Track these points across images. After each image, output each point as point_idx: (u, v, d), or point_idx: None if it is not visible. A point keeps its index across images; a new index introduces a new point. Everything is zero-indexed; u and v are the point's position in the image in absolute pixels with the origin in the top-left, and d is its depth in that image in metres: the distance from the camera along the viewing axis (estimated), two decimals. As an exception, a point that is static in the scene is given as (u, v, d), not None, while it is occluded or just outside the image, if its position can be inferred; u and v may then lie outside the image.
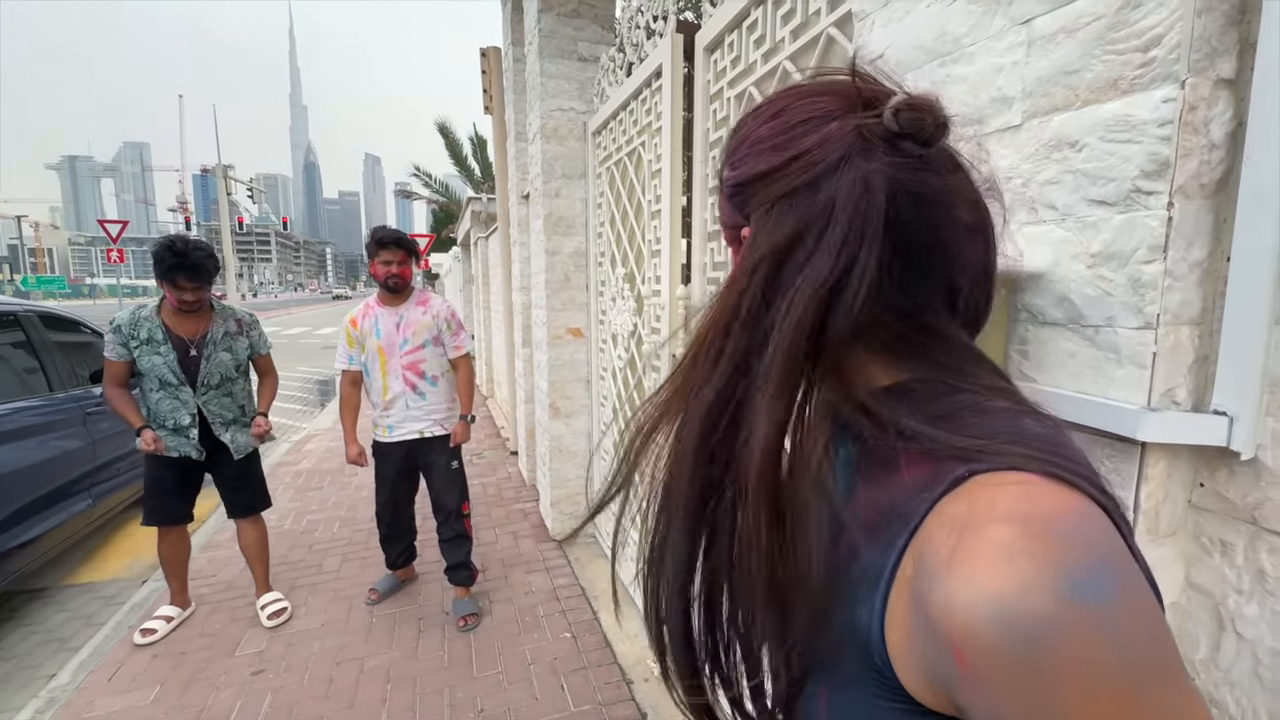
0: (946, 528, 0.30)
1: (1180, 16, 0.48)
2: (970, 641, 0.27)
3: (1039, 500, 0.29)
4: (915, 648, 0.31)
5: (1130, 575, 0.28)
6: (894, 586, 0.32)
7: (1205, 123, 0.49)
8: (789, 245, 0.37)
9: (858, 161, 0.36)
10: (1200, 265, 0.52)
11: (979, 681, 0.28)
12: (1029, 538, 0.28)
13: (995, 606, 0.27)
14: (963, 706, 0.30)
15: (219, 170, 19.57)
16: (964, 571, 0.28)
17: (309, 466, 4.76)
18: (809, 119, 0.38)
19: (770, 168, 0.39)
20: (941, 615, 0.28)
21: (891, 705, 0.33)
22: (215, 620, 2.60)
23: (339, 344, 2.59)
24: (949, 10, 0.69)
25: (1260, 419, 0.50)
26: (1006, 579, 0.27)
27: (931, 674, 0.31)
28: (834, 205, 0.35)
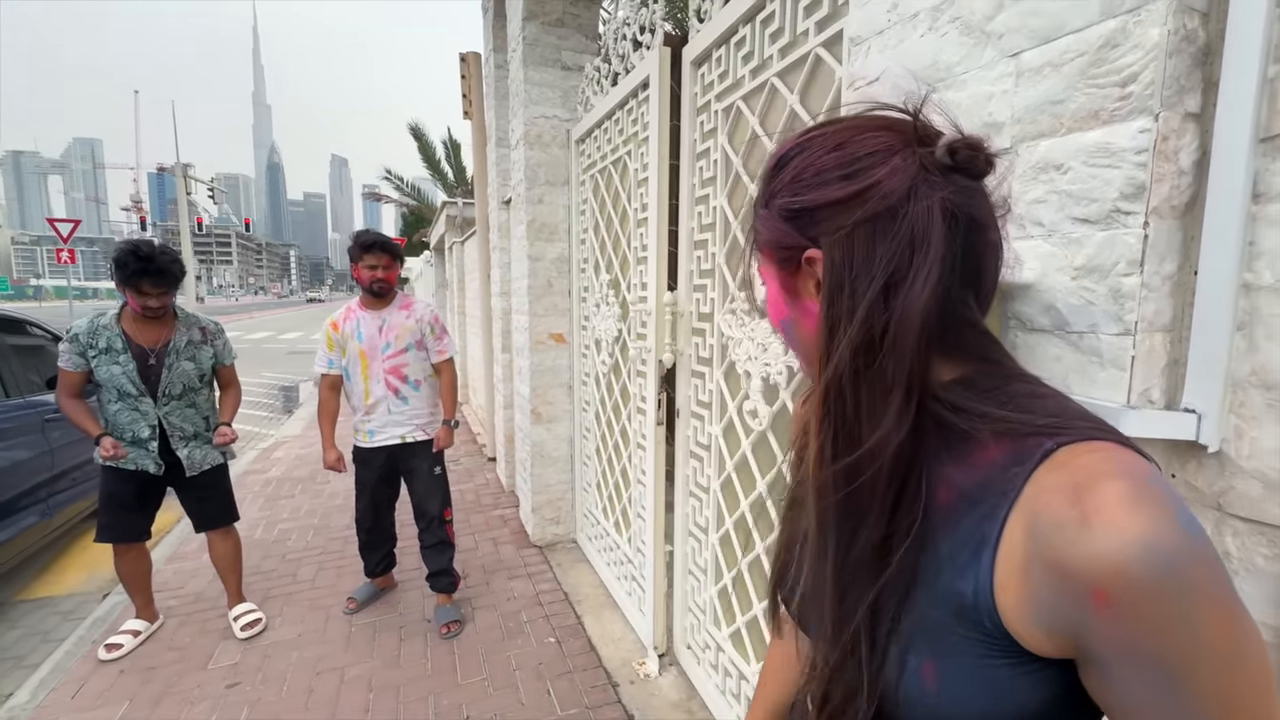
0: (1059, 491, 0.35)
1: (1154, 57, 0.54)
2: (1118, 580, 0.32)
3: (1126, 462, 0.35)
4: (1035, 600, 0.35)
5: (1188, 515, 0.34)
6: (999, 552, 0.37)
7: (1176, 151, 0.55)
8: (882, 269, 0.41)
9: (925, 191, 0.40)
10: (1171, 278, 0.58)
11: (1121, 614, 0.33)
12: (1145, 489, 0.33)
13: (1143, 544, 0.32)
14: (1089, 643, 0.34)
15: (178, 169, 18.93)
16: (1103, 522, 0.33)
17: (278, 474, 4.64)
18: (875, 151, 0.42)
19: (846, 195, 0.42)
20: (1083, 563, 0.33)
21: (1000, 662, 0.38)
22: (185, 633, 2.52)
23: (319, 348, 2.55)
24: (942, 40, 0.74)
25: (1224, 416, 0.56)
26: (1142, 524, 0.32)
27: (1052, 622, 0.35)
28: (915, 233, 0.40)
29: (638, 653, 2.35)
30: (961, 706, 0.39)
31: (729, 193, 1.76)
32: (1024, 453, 0.38)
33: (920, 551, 0.41)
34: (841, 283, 0.43)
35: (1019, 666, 0.38)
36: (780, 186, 0.47)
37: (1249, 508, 0.55)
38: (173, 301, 2.30)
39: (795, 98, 1.40)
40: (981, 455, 0.40)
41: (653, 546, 2.26)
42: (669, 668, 2.25)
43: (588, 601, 2.74)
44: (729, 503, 1.86)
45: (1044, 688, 0.38)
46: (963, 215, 0.41)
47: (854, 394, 0.42)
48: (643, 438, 2.35)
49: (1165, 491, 0.34)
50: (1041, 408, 0.40)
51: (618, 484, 2.71)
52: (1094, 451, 0.36)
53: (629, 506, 2.58)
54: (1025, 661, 0.38)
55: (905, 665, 0.41)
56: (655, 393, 2.15)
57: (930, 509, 0.41)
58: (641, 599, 2.42)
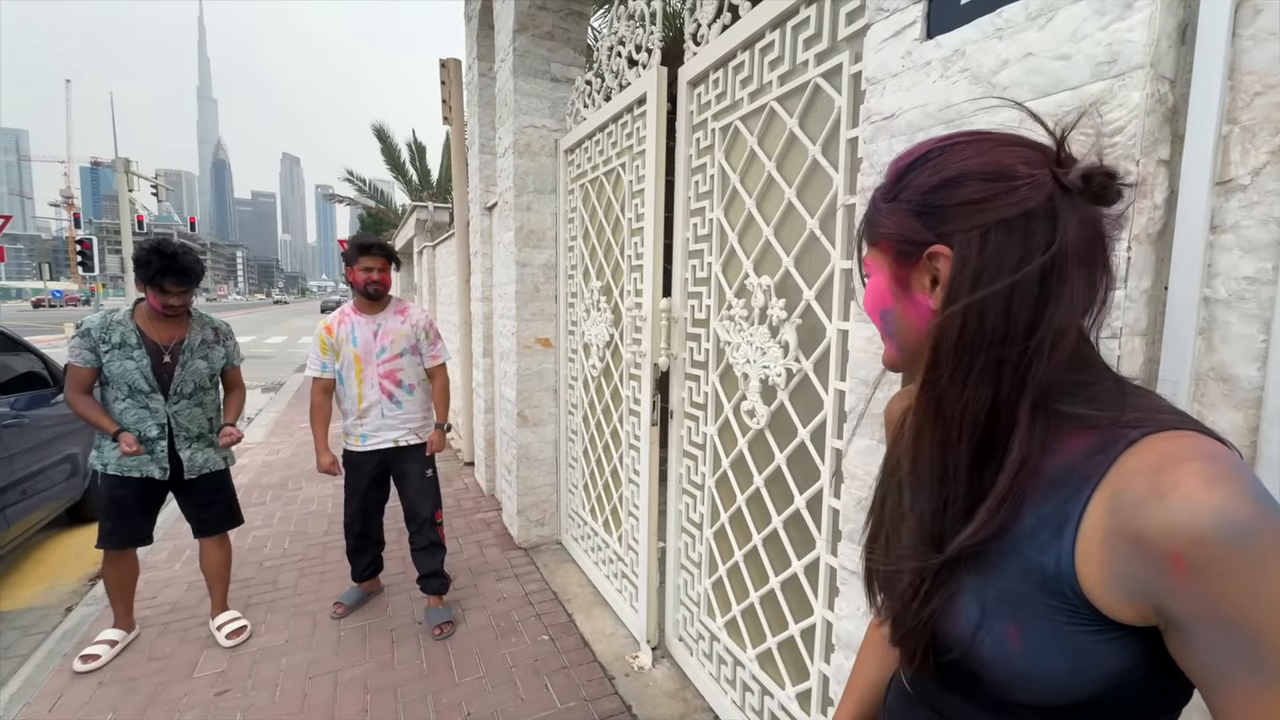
0: (1141, 472, 0.40)
1: (1135, 115, 0.67)
2: (1192, 546, 0.37)
3: (1208, 446, 0.40)
4: (1117, 571, 0.40)
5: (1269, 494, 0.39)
6: (1081, 529, 0.42)
7: (1151, 190, 0.69)
8: (1024, 275, 0.43)
9: (1065, 205, 0.43)
10: (1146, 292, 0.71)
11: (1198, 579, 0.37)
12: (1220, 470, 0.38)
13: (1218, 515, 0.36)
14: (1170, 609, 0.39)
15: (119, 164, 17.98)
16: (1180, 496, 0.37)
17: (246, 481, 4.51)
18: (1017, 162, 0.45)
19: (985, 196, 0.45)
20: (1160, 533, 0.38)
21: (1080, 628, 0.43)
22: (165, 643, 2.45)
23: (311, 351, 2.54)
24: (953, 86, 0.87)
25: (1190, 404, 0.69)
26: (1218, 497, 0.37)
27: (1134, 590, 0.40)
28: (1065, 244, 0.43)
29: (630, 647, 2.42)
30: (1045, 664, 0.44)
31: (725, 206, 1.87)
32: (1109, 442, 0.42)
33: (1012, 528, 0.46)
34: (973, 280, 0.45)
35: (1100, 633, 0.42)
36: (914, 181, 0.50)
37: (1209, 478, 0.68)
38: (192, 302, 2.29)
39: (795, 122, 1.52)
40: (1067, 444, 0.45)
41: (646, 544, 2.34)
42: (661, 660, 2.33)
43: (577, 600, 2.80)
44: (724, 498, 1.97)
45: (1124, 654, 0.42)
46: (1096, 232, 0.45)
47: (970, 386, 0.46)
48: (635, 439, 2.44)
49: (1243, 472, 0.38)
50: (1129, 404, 0.44)
51: (608, 484, 2.79)
52: (1176, 439, 0.41)
53: (620, 506, 2.65)
54: (1107, 629, 0.42)
55: (988, 629, 0.46)
56: (650, 395, 2.25)
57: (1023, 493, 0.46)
58: (634, 595, 2.50)
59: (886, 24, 0.98)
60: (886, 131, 0.98)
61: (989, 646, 0.46)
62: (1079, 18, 0.72)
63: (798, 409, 1.58)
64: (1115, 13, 0.68)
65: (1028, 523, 0.45)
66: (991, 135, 0.49)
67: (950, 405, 0.47)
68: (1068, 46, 0.73)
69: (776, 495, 1.71)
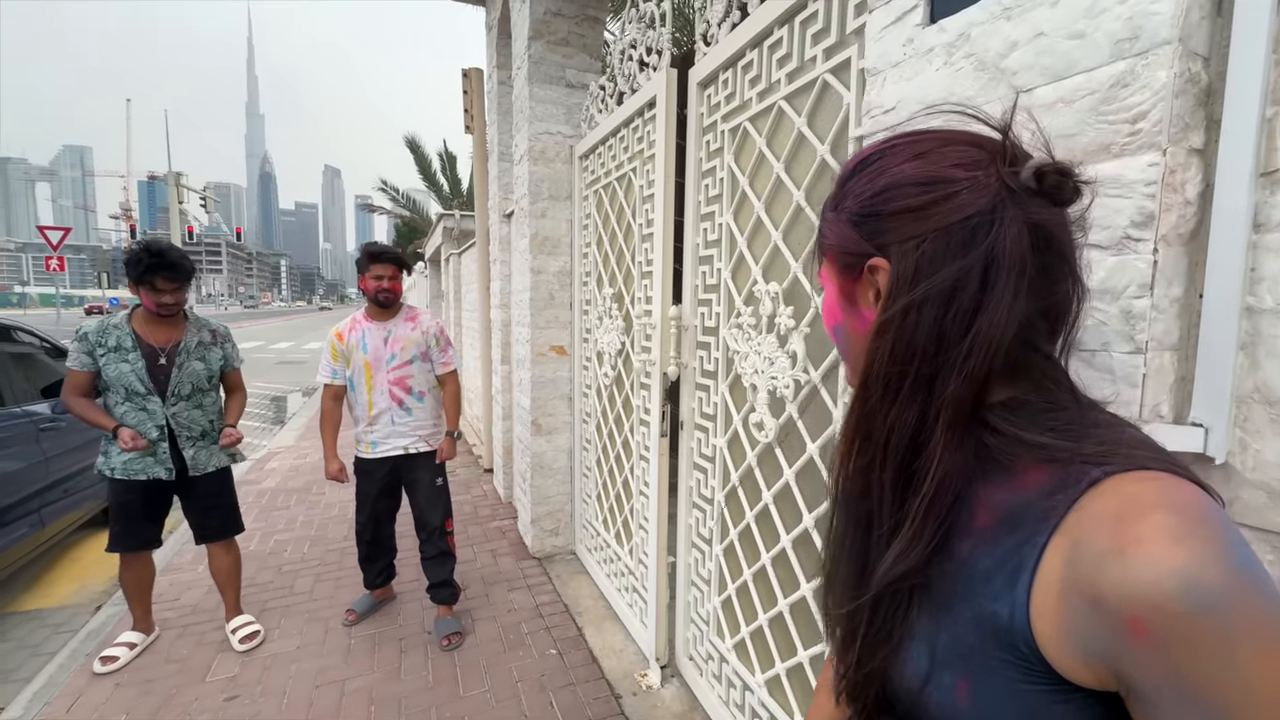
0: (1102, 521, 0.35)
1: (1161, 97, 0.58)
2: (1154, 613, 0.31)
3: (1178, 493, 0.34)
4: (1073, 629, 0.35)
5: (1249, 551, 0.33)
6: (1037, 578, 0.37)
7: (1182, 184, 0.60)
8: (956, 286, 0.40)
9: (1011, 210, 0.40)
10: (1178, 301, 0.62)
11: (1159, 649, 0.32)
12: (1189, 523, 0.33)
13: (1179, 580, 0.31)
14: (1130, 676, 0.34)
15: (170, 178, 18.87)
16: (1141, 554, 0.32)
17: (273, 485, 4.60)
18: (959, 164, 0.42)
19: (921, 204, 0.42)
20: (1119, 594, 0.33)
21: (1034, 688, 0.37)
22: (182, 645, 2.49)
23: (323, 357, 2.56)
24: (957, 75, 0.79)
25: (1230, 430, 0.60)
26: (1184, 557, 0.31)
27: (1091, 652, 0.35)
28: (995, 251, 0.39)
29: (639, 664, 2.35)
30: None
31: (735, 210, 1.80)
32: (1069, 480, 0.37)
33: (949, 565, 0.42)
34: (903, 293, 0.42)
35: (1057, 694, 0.37)
36: (854, 189, 0.47)
37: (1254, 516, 0.58)
38: (185, 299, 2.32)
39: (803, 120, 1.45)
40: (1024, 479, 0.40)
41: (655, 558, 2.27)
42: (671, 679, 2.25)
43: (588, 613, 2.74)
44: (733, 514, 1.88)
45: (1083, 719, 0.37)
46: (1044, 237, 0.41)
47: (897, 406, 0.43)
48: (645, 449, 2.37)
49: (1218, 526, 0.33)
50: (1094, 435, 0.39)
51: (619, 495, 2.73)
52: (1144, 481, 0.35)
53: (631, 518, 2.59)
54: (1064, 690, 0.37)
55: (936, 681, 0.42)
56: (660, 405, 2.18)
57: (969, 527, 0.41)
58: (644, 611, 2.43)
59: (886, 10, 0.90)
60: (886, 125, 0.90)
61: (936, 700, 0.42)
62: (1096, -10, 0.63)
63: (806, 423, 1.50)
64: (1137, -18, 0.60)
65: (982, 565, 0.40)
66: (934, 135, 0.45)
67: (876, 427, 0.44)
68: (1083, 23, 0.65)
69: (785, 513, 1.62)
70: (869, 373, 0.45)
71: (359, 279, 2.52)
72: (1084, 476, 0.37)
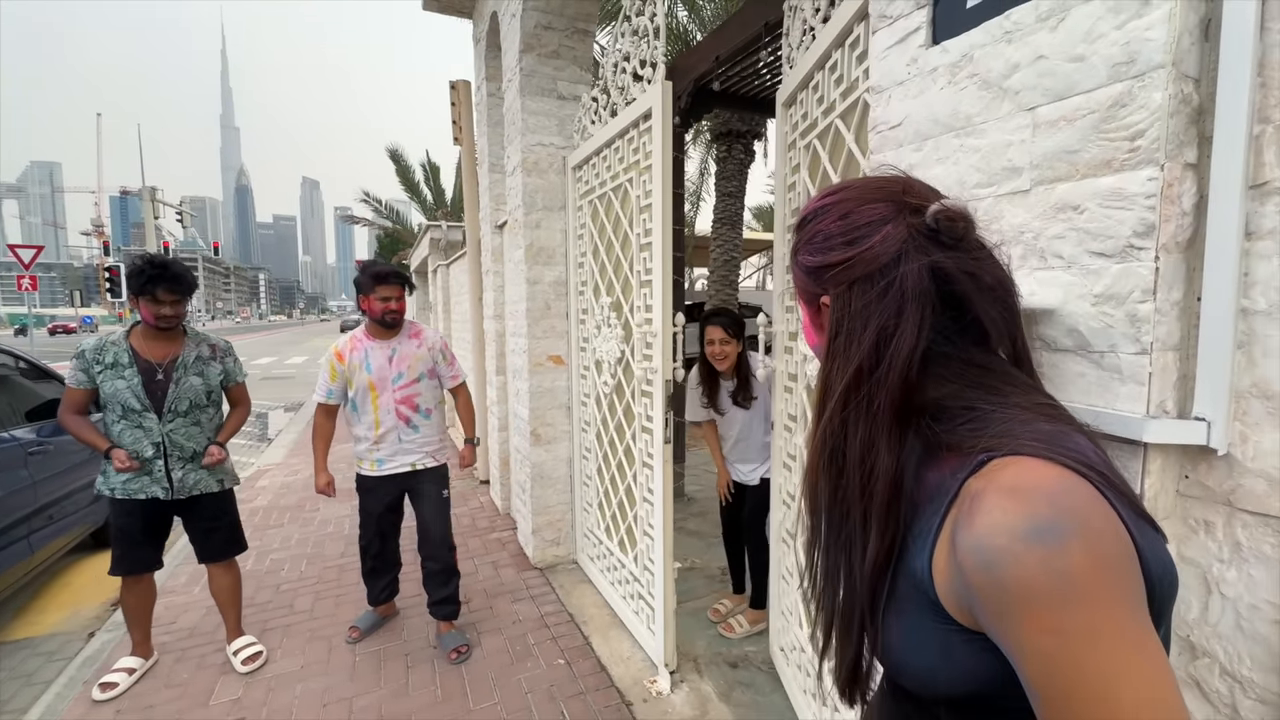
0: (968, 496, 0.44)
1: (1158, 116, 0.63)
2: (979, 575, 0.40)
3: (1028, 473, 0.42)
4: (951, 582, 0.44)
5: (1086, 529, 0.38)
6: (938, 541, 0.46)
7: (1179, 196, 0.64)
8: (875, 320, 0.51)
9: (912, 254, 0.50)
10: (1178, 304, 0.67)
11: (978, 602, 0.41)
12: (1008, 498, 0.41)
13: (974, 545, 0.41)
14: (982, 626, 0.43)
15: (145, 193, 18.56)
16: (979, 524, 0.41)
17: (265, 503, 4.54)
18: (870, 221, 0.52)
19: (845, 258, 0.53)
20: (965, 557, 0.42)
21: (946, 627, 0.46)
22: (182, 669, 2.45)
23: (321, 375, 2.54)
24: (961, 93, 0.84)
25: (1230, 423, 0.64)
26: (983, 525, 0.40)
27: (960, 600, 0.44)
28: (903, 290, 0.50)
29: (648, 671, 2.37)
30: (915, 656, 0.49)
31: None
32: (964, 465, 0.46)
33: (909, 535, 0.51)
34: (839, 330, 0.54)
35: (962, 634, 0.45)
36: (801, 244, 0.59)
37: (1255, 503, 0.63)
38: (185, 313, 2.30)
39: (851, 137, 1.50)
40: (944, 465, 0.49)
41: (662, 564, 2.29)
42: (680, 685, 2.27)
43: (594, 622, 2.75)
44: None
45: (985, 656, 0.44)
46: (949, 269, 0.50)
47: (847, 419, 0.53)
48: (649, 456, 2.40)
49: (1038, 502, 0.39)
50: (995, 430, 0.47)
51: (622, 503, 2.75)
52: (1008, 465, 0.43)
53: (635, 525, 2.61)
54: (966, 631, 0.45)
55: (888, 624, 0.51)
56: (663, 412, 2.21)
57: (916, 503, 0.51)
58: (650, 617, 2.45)
59: (889, 31, 0.95)
60: (893, 141, 0.94)
61: (885, 638, 0.52)
62: (1093, 17, 0.68)
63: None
64: (1132, 10, 0.65)
65: (916, 530, 0.50)
66: (854, 194, 0.55)
67: (836, 442, 0.53)
68: (1082, 48, 0.69)
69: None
70: (821, 394, 0.55)
71: (360, 300, 2.47)
72: (974, 461, 0.45)
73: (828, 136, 1.66)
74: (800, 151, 1.89)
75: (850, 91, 1.49)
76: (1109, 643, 0.36)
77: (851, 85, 1.48)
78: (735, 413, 2.60)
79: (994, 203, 0.80)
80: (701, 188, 13.12)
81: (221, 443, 2.41)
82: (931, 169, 0.88)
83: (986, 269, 0.52)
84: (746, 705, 2.18)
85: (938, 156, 0.87)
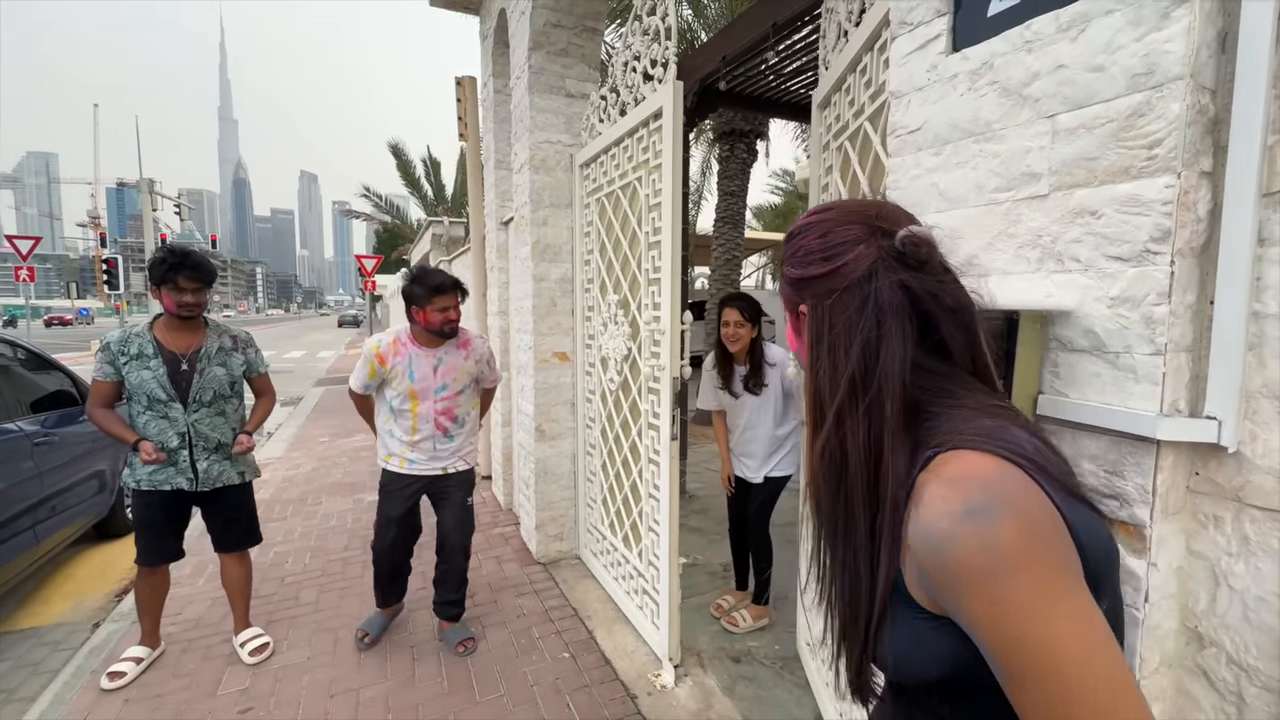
0: (916, 488, 0.49)
1: (1176, 126, 0.66)
2: (922, 559, 0.46)
3: (966, 464, 0.47)
4: (911, 571, 0.49)
5: (1016, 508, 0.43)
6: (904, 539, 0.50)
7: (1194, 203, 0.67)
8: (863, 333, 0.54)
9: (881, 273, 0.55)
10: (1191, 307, 0.69)
11: (933, 584, 0.45)
12: (947, 486, 0.46)
13: (922, 531, 0.46)
14: (940, 604, 0.47)
15: (143, 185, 18.49)
16: (918, 513, 0.47)
17: (267, 496, 4.55)
18: (845, 241, 0.57)
19: (822, 273, 0.58)
20: (912, 544, 0.47)
21: (917, 617, 0.50)
22: (189, 660, 2.47)
23: (358, 368, 2.44)
24: (982, 100, 0.86)
25: (1240, 422, 0.67)
26: (927, 513, 0.46)
27: (923, 587, 0.48)
28: (879, 304, 0.54)
29: (652, 665, 2.39)
30: (894, 645, 0.52)
31: None
32: (919, 461, 0.51)
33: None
34: (819, 339, 0.58)
35: (931, 622, 0.49)
36: (786, 257, 0.64)
37: (1264, 499, 0.66)
38: (207, 302, 2.32)
39: (878, 140, 1.52)
40: (915, 459, 0.53)
41: (667, 560, 2.32)
42: (684, 679, 2.30)
43: (597, 616, 2.78)
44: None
45: (954, 641, 0.48)
46: (915, 288, 0.55)
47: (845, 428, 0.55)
48: (655, 453, 2.42)
49: (972, 488, 0.45)
50: (945, 427, 0.52)
51: (627, 499, 2.77)
52: (950, 459, 0.48)
53: (640, 521, 2.63)
54: (935, 619, 0.49)
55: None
56: (670, 409, 2.23)
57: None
58: (655, 612, 2.47)
59: (910, 38, 0.97)
60: (912, 145, 0.97)
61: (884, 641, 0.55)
62: (1113, 29, 0.71)
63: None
64: (1151, 23, 0.67)
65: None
66: (834, 215, 0.60)
67: (834, 450, 0.56)
68: (1102, 58, 0.72)
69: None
70: (812, 403, 0.59)
71: (413, 311, 2.35)
72: (924, 458, 0.50)
73: (857, 139, 1.69)
74: (833, 153, 1.92)
75: (878, 95, 1.51)
76: (1044, 608, 0.40)
77: (879, 89, 1.50)
78: (745, 400, 2.62)
79: (1012, 206, 0.82)
80: (703, 186, 13.15)
81: (250, 432, 2.44)
82: (951, 173, 0.90)
83: (948, 291, 0.56)
84: (750, 700, 2.21)
85: (957, 161, 0.89)
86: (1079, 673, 0.38)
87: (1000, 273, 0.84)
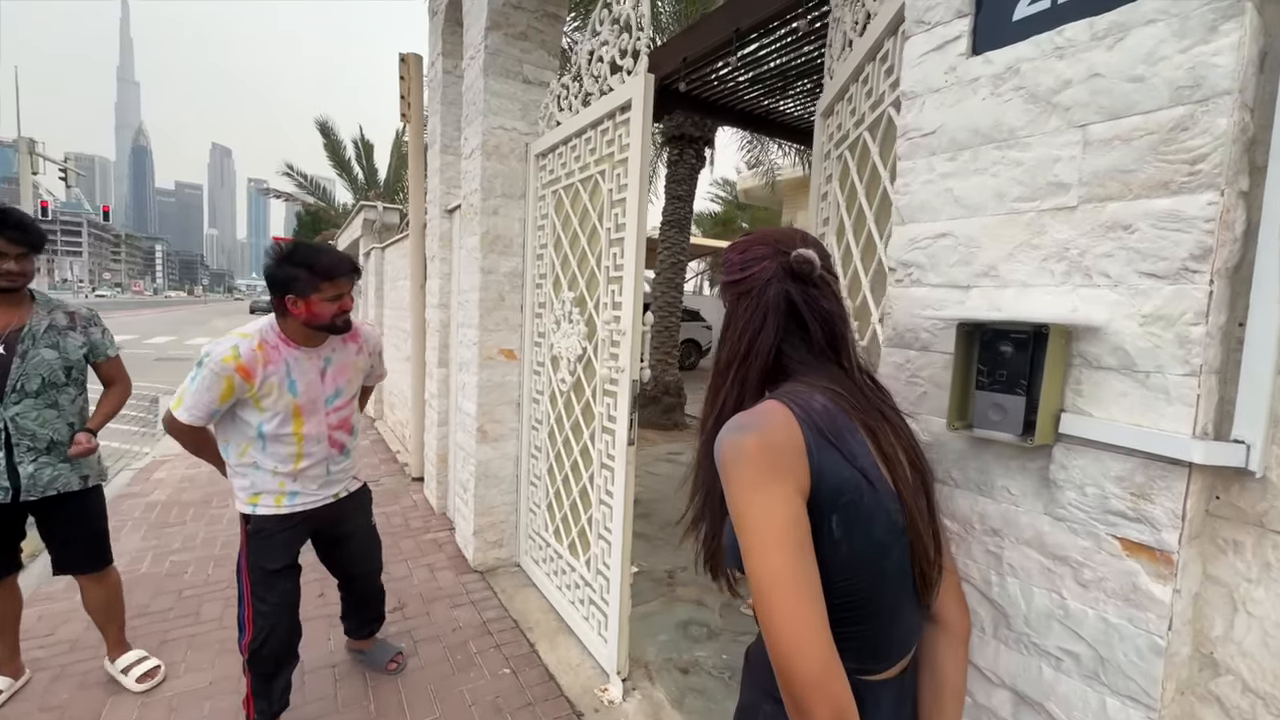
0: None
1: (1221, 142, 0.64)
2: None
3: (762, 405, 0.72)
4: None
5: (764, 429, 0.67)
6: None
7: (1233, 222, 0.66)
8: (750, 320, 0.78)
9: (775, 282, 0.77)
10: (1221, 328, 0.68)
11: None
12: (741, 415, 0.71)
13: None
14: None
15: (22, 143, 16.42)
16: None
17: (163, 498, 4.08)
18: (755, 257, 0.79)
19: (737, 279, 0.81)
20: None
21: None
22: (60, 689, 2.13)
23: (199, 390, 1.69)
24: (1005, 105, 0.83)
25: (1268, 447, 0.66)
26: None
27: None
28: (766, 304, 0.77)
29: (599, 679, 2.29)
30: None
31: (837, 230, 1.81)
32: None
33: None
34: (728, 325, 0.82)
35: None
36: (722, 266, 0.84)
37: (1289, 525, 0.65)
38: (32, 272, 1.91)
39: (876, 150, 1.48)
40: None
41: (619, 569, 2.22)
42: (632, 692, 2.21)
43: (540, 628, 2.64)
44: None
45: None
46: (794, 297, 0.77)
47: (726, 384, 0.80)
48: (609, 458, 2.32)
49: (747, 419, 0.69)
50: (782, 389, 0.74)
51: (575, 505, 2.65)
52: (760, 402, 0.73)
53: (589, 528, 2.52)
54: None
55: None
56: (628, 413, 2.15)
57: None
58: (602, 624, 2.37)
59: (927, 37, 0.94)
60: (925, 149, 0.93)
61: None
62: (1155, 39, 0.69)
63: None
64: (1198, 35, 0.65)
65: None
66: (755, 238, 0.82)
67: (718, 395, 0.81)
68: (1142, 68, 0.70)
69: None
70: (716, 364, 0.82)
71: (289, 302, 1.74)
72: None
73: (857, 148, 1.66)
74: (834, 162, 1.89)
75: (878, 104, 1.49)
76: (749, 492, 0.65)
77: (879, 99, 1.48)
78: None
79: (1036, 217, 0.80)
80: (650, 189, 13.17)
81: (93, 430, 2.02)
82: (968, 179, 0.87)
83: (818, 301, 0.78)
84: (699, 712, 2.15)
85: (975, 167, 0.86)
86: (749, 542, 0.64)
87: (1020, 284, 0.81)
